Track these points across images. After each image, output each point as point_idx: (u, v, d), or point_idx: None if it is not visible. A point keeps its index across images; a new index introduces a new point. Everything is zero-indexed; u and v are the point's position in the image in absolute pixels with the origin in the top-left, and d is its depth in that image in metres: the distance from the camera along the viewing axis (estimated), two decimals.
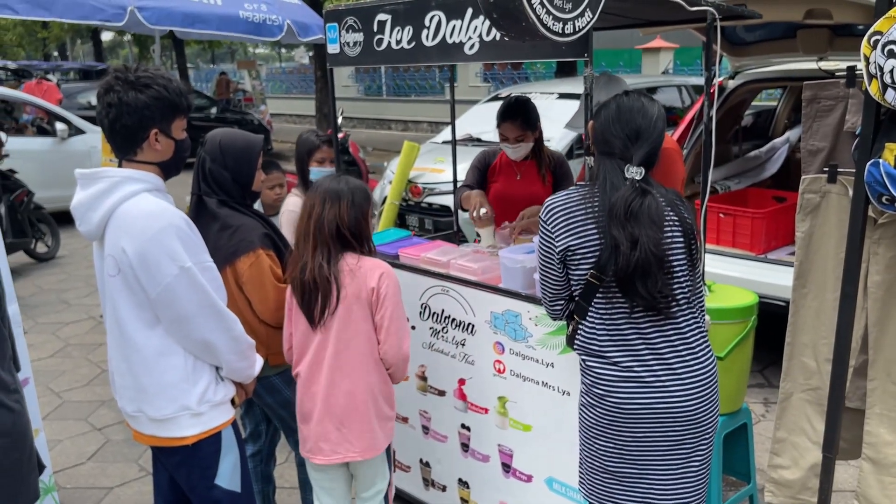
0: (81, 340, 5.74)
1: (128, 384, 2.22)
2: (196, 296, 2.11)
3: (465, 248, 3.25)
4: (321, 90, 16.02)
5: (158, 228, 2.06)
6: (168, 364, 2.17)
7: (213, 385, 2.27)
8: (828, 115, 2.27)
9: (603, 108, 2.26)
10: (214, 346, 2.19)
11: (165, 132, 2.16)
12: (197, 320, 2.13)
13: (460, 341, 2.96)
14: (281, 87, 27.65)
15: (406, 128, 20.61)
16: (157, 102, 2.10)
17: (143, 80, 2.09)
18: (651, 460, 2.22)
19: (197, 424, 2.23)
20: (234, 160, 2.63)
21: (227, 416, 2.31)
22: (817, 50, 4.62)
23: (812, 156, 2.31)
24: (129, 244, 2.06)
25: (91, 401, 4.68)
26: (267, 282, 2.59)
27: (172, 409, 2.19)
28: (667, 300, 2.14)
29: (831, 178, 2.29)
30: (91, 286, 7.10)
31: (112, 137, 2.13)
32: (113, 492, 3.69)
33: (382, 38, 2.96)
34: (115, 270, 2.11)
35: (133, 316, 2.14)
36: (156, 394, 2.18)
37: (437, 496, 3.26)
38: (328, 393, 2.51)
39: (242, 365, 2.30)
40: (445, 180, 6.68)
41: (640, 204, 2.10)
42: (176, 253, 2.07)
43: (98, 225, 2.11)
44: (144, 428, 2.25)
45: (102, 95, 2.10)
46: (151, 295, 2.09)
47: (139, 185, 2.12)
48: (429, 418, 3.20)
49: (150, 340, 2.15)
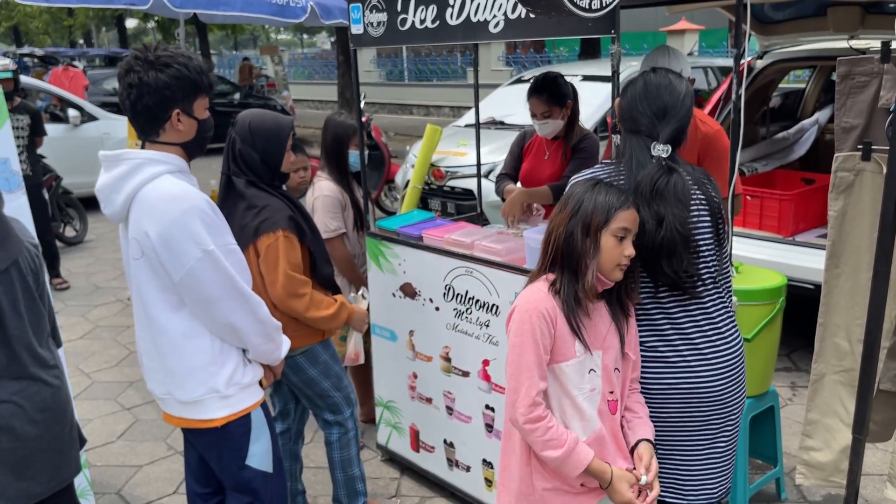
0: (110, 322, 5.82)
1: (156, 366, 2.23)
2: (219, 279, 2.10)
3: (489, 229, 3.24)
4: (343, 74, 16.02)
5: (181, 211, 2.04)
6: (195, 347, 2.18)
7: (241, 367, 2.27)
8: (862, 92, 2.23)
9: (630, 85, 2.23)
10: (239, 328, 2.19)
11: (187, 112, 2.13)
12: (221, 303, 2.12)
13: (484, 322, 2.96)
14: (303, 73, 27.68)
15: (428, 112, 20.56)
16: (177, 82, 2.07)
17: (163, 59, 2.06)
18: (676, 442, 2.20)
19: (225, 407, 2.23)
20: (264, 141, 2.62)
21: (256, 398, 2.32)
22: (848, 28, 4.53)
23: (845, 133, 2.27)
24: (152, 227, 2.05)
25: (120, 381, 4.75)
26: (280, 265, 2.58)
27: (200, 392, 2.20)
28: (692, 280, 2.12)
29: (865, 156, 2.24)
30: (119, 269, 7.19)
31: (134, 119, 2.12)
32: (142, 470, 3.75)
33: (406, 17, 2.94)
34: (138, 253, 2.11)
35: (158, 299, 2.14)
36: (183, 376, 2.19)
37: (462, 476, 3.27)
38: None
39: (269, 347, 2.31)
40: (468, 163, 6.66)
41: (666, 182, 2.08)
42: (199, 235, 2.06)
43: (122, 207, 2.11)
44: (173, 410, 2.28)
45: (123, 76, 2.08)
46: (175, 278, 2.08)
47: (161, 166, 2.10)
48: (453, 399, 3.21)
49: (176, 323, 2.15)
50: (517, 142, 3.92)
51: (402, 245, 3.26)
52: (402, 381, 3.41)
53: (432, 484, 3.45)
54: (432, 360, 3.25)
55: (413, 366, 3.36)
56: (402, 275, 3.29)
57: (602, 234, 1.95)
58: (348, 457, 3.00)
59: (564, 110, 3.53)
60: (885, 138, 2.21)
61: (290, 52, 36.20)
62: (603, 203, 1.96)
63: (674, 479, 2.23)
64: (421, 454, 3.46)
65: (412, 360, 3.36)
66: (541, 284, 2.03)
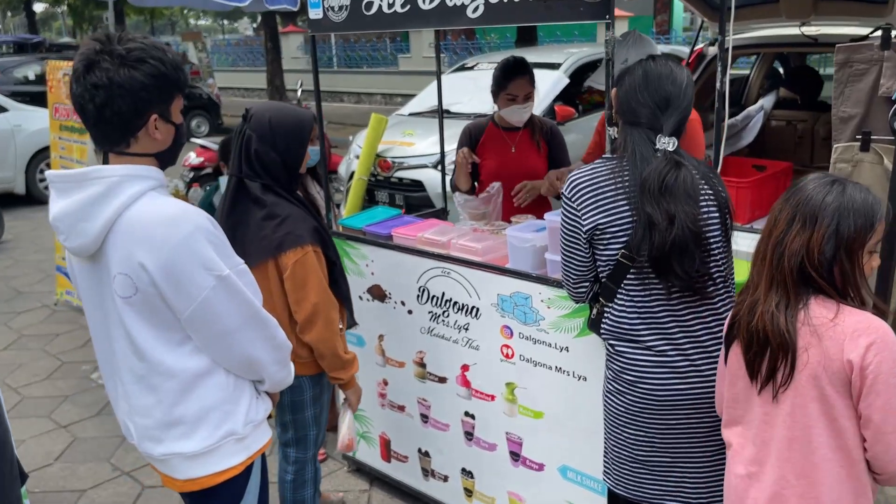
0: (37, 331, 5.40)
1: (155, 423, 1.84)
2: (237, 307, 1.78)
3: (464, 226, 3.07)
4: (272, 61, 15.56)
5: (185, 235, 1.68)
6: (209, 384, 1.83)
7: (255, 402, 1.95)
8: (860, 80, 2.16)
9: (627, 73, 2.09)
10: (258, 359, 1.88)
11: (165, 116, 1.75)
12: (239, 334, 1.80)
13: (463, 325, 2.80)
14: (227, 60, 26.83)
15: (359, 100, 20.20)
16: (154, 81, 1.68)
17: (135, 52, 1.66)
18: (685, 448, 2.10)
19: (242, 450, 1.90)
20: (285, 140, 2.36)
21: (268, 436, 1.99)
22: (801, 14, 4.54)
23: (843, 123, 2.20)
24: (149, 257, 1.67)
25: (53, 396, 4.39)
26: (311, 282, 2.34)
27: (216, 438, 1.84)
28: (703, 280, 2.01)
29: (864, 147, 2.17)
30: (42, 272, 6.72)
31: (98, 126, 1.70)
32: (86, 494, 3.44)
33: (372, 1, 2.74)
34: (130, 291, 1.72)
35: (159, 339, 1.77)
36: (196, 422, 1.82)
37: (438, 486, 3.11)
38: (777, 494, 1.74)
39: (284, 374, 2.01)
40: (416, 154, 6.47)
41: (674, 177, 1.95)
42: (210, 261, 1.71)
43: (96, 238, 1.70)
44: (179, 472, 1.87)
45: (83, 74, 1.66)
46: (184, 314, 1.73)
47: (143, 183, 1.71)
48: (428, 406, 3.04)
49: (185, 362, 1.79)
50: (466, 137, 3.57)
51: (369, 245, 3.06)
52: (371, 389, 3.22)
53: (405, 495, 3.28)
54: (405, 365, 3.07)
55: (383, 372, 3.17)
56: (369, 276, 3.09)
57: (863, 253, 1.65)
58: (301, 498, 2.73)
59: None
60: (885, 128, 2.15)
61: (211, 38, 35.04)
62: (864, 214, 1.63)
63: (682, 486, 2.13)
64: (392, 464, 3.28)
65: (382, 366, 3.17)
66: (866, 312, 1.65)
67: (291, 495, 2.72)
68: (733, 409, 1.85)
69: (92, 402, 4.29)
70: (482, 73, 7.43)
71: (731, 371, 1.83)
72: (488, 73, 8.31)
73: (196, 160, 7.20)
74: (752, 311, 1.72)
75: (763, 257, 1.73)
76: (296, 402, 2.58)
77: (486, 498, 2.93)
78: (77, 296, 1.98)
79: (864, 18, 4.36)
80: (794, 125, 5.78)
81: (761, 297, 1.71)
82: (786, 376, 1.67)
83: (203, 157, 7.21)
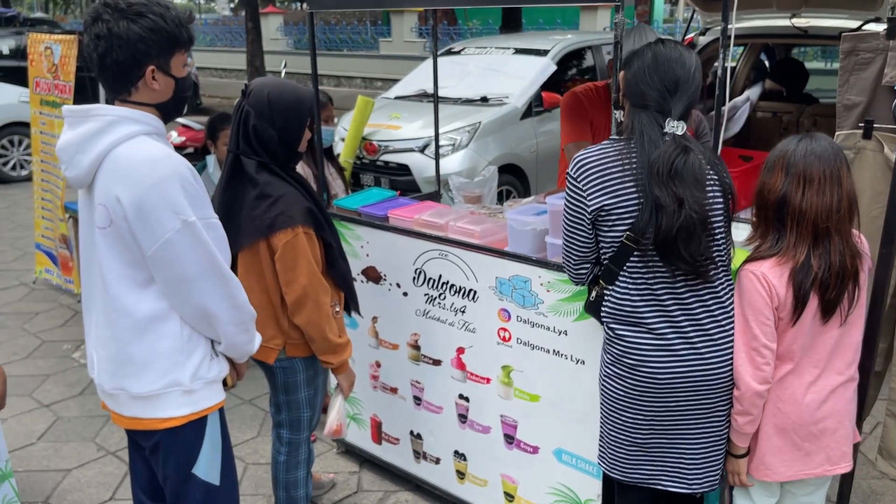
0: (16, 309, 5.31)
1: (110, 355, 1.95)
2: (198, 255, 1.86)
3: (461, 208, 3.06)
4: (253, 42, 15.32)
5: (161, 177, 1.80)
6: (162, 331, 1.91)
7: (208, 360, 2.01)
8: (865, 69, 2.18)
9: (636, 56, 2.09)
10: (214, 314, 1.93)
11: (164, 69, 1.87)
12: (197, 283, 1.87)
13: (460, 308, 2.79)
14: (204, 40, 26.38)
15: (339, 83, 19.99)
16: (152, 34, 1.81)
17: (136, 7, 1.81)
18: (683, 430, 2.12)
19: (187, 404, 1.97)
20: (284, 117, 2.34)
21: (219, 398, 2.06)
22: (792, 6, 4.56)
23: (847, 110, 2.23)
24: (125, 192, 1.79)
25: (34, 375, 4.31)
26: (300, 264, 2.32)
27: (161, 384, 1.93)
28: (706, 264, 2.02)
29: (866, 134, 2.20)
30: (19, 249, 6.60)
31: (102, 74, 1.85)
32: (71, 474, 3.40)
33: None
34: (105, 221, 1.85)
35: (123, 275, 1.88)
36: (144, 364, 1.92)
37: (430, 469, 3.11)
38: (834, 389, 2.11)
39: (243, 339, 2.04)
40: (402, 137, 6.44)
41: (683, 162, 1.96)
42: (178, 205, 1.81)
43: (88, 170, 1.84)
44: (125, 408, 1.99)
45: (90, 25, 1.81)
46: (147, 251, 1.83)
47: (137, 126, 1.85)
48: (421, 388, 3.03)
49: (142, 303, 1.89)
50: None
51: (364, 226, 3.04)
52: (364, 370, 3.21)
53: (396, 477, 3.28)
54: (398, 347, 3.06)
55: (376, 354, 3.16)
56: (364, 258, 3.07)
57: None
58: (294, 479, 2.72)
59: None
60: (888, 117, 2.17)
61: None
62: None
63: (678, 467, 2.15)
64: (383, 446, 3.28)
65: (375, 347, 3.16)
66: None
67: (284, 476, 2.71)
68: (793, 352, 2.07)
69: (74, 382, 4.23)
70: (469, 58, 7.40)
71: (804, 322, 2.02)
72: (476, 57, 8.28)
73: (178, 139, 7.11)
74: (819, 265, 1.98)
75: (785, 222, 2.02)
76: (289, 382, 2.56)
77: (479, 480, 2.94)
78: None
79: (854, 12, 4.40)
80: (780, 117, 5.82)
81: (809, 252, 1.99)
82: (857, 297, 2.03)
83: (185, 137, 7.12)
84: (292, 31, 22.85)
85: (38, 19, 18.47)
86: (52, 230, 5.43)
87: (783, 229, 2.02)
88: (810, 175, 1.97)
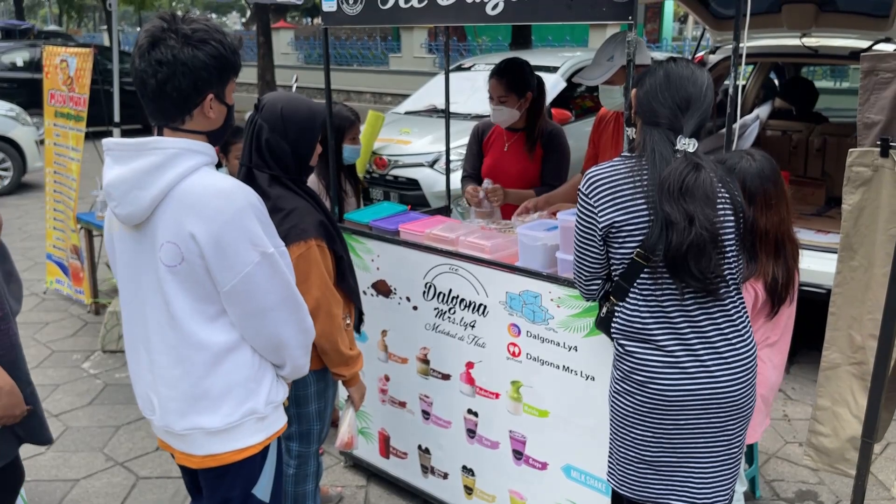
0: (27, 319, 5.34)
1: (180, 394, 1.86)
2: (277, 285, 1.83)
3: (472, 223, 3.07)
4: (264, 56, 15.48)
5: (235, 209, 1.74)
6: (237, 360, 1.87)
7: (276, 383, 1.98)
8: (885, 88, 2.20)
9: (648, 75, 2.11)
10: (285, 341, 1.91)
11: (220, 97, 1.82)
12: (274, 313, 1.85)
13: (469, 323, 2.80)
14: None
15: (348, 98, 20.12)
16: (215, 62, 1.76)
17: (200, 34, 1.75)
18: (693, 448, 2.11)
19: (261, 430, 1.92)
20: (297, 131, 2.35)
21: (285, 419, 2.02)
22: (802, 25, 4.59)
23: (867, 129, 2.25)
24: (200, 228, 1.72)
25: (44, 384, 4.33)
26: (313, 277, 2.33)
27: (240, 414, 1.87)
28: (717, 281, 2.03)
29: (884, 152, 2.22)
30: (30, 259, 6.64)
31: (157, 100, 1.77)
32: (79, 484, 3.41)
33: None
34: (176, 259, 1.76)
35: (195, 310, 1.81)
36: (221, 396, 1.85)
37: (437, 484, 3.11)
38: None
39: (305, 360, 2.02)
40: (412, 152, 6.48)
41: (694, 179, 1.97)
42: (256, 237, 1.77)
43: (149, 206, 1.75)
44: (198, 448, 1.89)
45: (148, 50, 1.73)
46: (224, 287, 1.78)
47: (199, 157, 1.78)
48: (430, 403, 3.04)
49: (217, 336, 1.83)
50: (474, 137, 3.75)
51: (375, 240, 3.06)
52: (372, 384, 3.21)
53: (403, 492, 3.28)
54: (408, 361, 3.07)
55: (385, 368, 3.17)
56: (374, 271, 3.08)
57: None
58: (303, 492, 2.72)
59: (522, 101, 3.42)
60: None
61: None
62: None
63: (688, 485, 2.14)
64: (391, 460, 3.28)
65: (384, 361, 3.16)
66: None
67: (293, 489, 2.71)
68: (774, 336, 2.61)
69: (84, 392, 4.25)
70: (479, 74, 7.45)
71: (781, 317, 2.58)
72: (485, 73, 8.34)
73: None
74: (781, 275, 2.49)
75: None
76: (300, 395, 2.57)
77: (487, 496, 2.93)
78: (112, 270, 2.02)
79: (864, 32, 4.42)
80: (789, 135, 5.84)
81: (771, 261, 2.49)
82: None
83: None
84: (303, 46, 23.06)
85: (52, 32, 18.71)
86: (63, 241, 5.48)
87: (753, 250, 2.43)
88: (767, 196, 2.43)
